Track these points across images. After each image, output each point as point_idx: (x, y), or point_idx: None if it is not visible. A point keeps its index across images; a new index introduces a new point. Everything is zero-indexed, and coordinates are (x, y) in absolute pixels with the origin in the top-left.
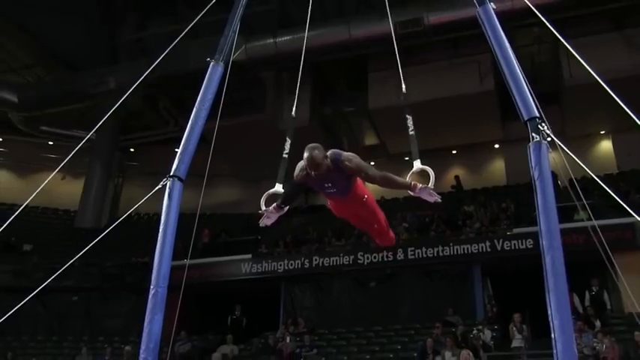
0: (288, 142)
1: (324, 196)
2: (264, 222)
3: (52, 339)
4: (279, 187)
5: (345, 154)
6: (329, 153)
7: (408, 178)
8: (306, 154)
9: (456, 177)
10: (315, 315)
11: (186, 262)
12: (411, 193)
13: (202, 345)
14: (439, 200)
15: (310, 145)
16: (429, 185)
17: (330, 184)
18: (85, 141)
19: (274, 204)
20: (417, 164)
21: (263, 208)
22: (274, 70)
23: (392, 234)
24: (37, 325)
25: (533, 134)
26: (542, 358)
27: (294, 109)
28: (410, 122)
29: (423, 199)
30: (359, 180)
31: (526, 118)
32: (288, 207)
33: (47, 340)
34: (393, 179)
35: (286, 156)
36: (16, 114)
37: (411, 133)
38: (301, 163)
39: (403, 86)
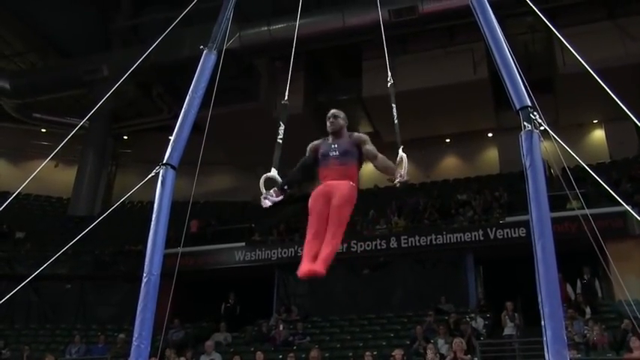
0: (282, 127)
1: (322, 168)
2: (266, 203)
3: (45, 327)
4: (274, 172)
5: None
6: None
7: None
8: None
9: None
10: (309, 302)
11: (179, 249)
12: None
13: (196, 333)
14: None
15: None
16: (402, 172)
17: (336, 145)
18: (78, 128)
19: (274, 187)
20: (400, 153)
21: (263, 191)
22: (268, 58)
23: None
24: (30, 313)
25: (525, 123)
26: (533, 345)
27: (286, 94)
28: (394, 111)
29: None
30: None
31: (518, 107)
32: (288, 190)
33: (40, 328)
34: (388, 164)
35: (280, 141)
36: (9, 101)
37: (395, 122)
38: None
39: (389, 75)
